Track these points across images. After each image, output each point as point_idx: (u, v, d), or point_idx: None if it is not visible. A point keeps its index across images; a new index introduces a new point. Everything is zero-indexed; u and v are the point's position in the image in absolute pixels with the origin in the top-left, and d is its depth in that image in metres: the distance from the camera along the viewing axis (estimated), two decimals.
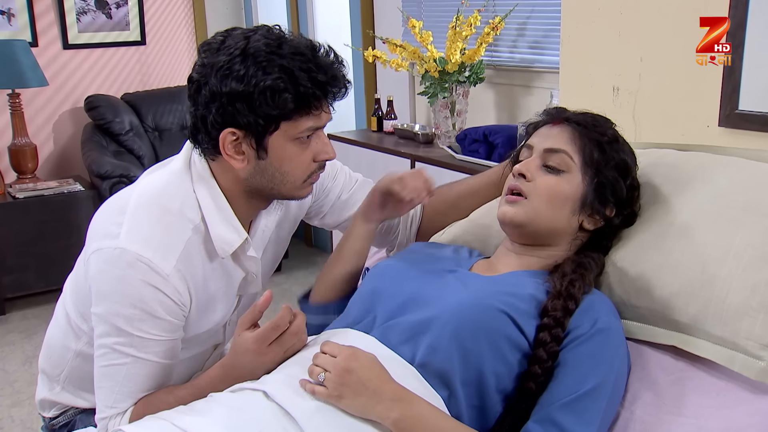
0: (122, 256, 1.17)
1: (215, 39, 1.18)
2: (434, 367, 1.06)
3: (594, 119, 1.24)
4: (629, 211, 1.23)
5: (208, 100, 1.15)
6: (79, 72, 4.41)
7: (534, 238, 1.22)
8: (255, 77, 1.12)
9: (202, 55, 1.18)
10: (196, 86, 1.17)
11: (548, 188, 1.19)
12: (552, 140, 1.21)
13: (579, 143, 1.20)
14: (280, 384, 1.07)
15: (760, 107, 1.63)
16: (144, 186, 1.26)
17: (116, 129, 4.15)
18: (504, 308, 1.07)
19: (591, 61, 2.02)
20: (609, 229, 1.23)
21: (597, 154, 1.19)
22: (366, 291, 1.23)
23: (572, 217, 1.20)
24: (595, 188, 1.19)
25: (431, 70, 2.86)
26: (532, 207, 1.19)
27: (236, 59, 1.13)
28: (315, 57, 1.16)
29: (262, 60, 1.12)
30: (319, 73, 1.15)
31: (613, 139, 1.21)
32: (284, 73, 1.12)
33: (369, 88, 3.73)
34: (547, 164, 1.20)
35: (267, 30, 1.17)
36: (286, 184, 1.23)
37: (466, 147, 2.78)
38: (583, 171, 1.19)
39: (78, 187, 3.88)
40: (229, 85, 1.12)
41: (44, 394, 1.48)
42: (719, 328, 1.07)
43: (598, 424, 1.01)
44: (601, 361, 1.05)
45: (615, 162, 1.20)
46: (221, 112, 1.14)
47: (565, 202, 1.19)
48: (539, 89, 2.88)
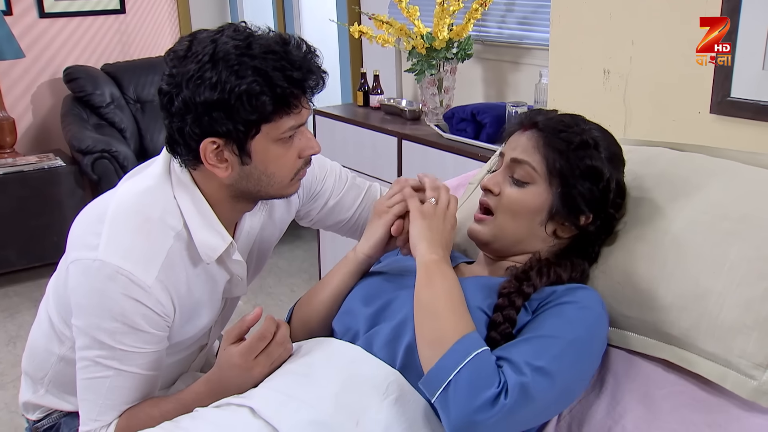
0: (101, 268, 1.13)
1: (180, 46, 1.13)
2: (415, 370, 1.04)
3: (563, 124, 1.18)
4: (607, 216, 1.19)
5: (183, 112, 1.10)
6: (56, 42, 4.30)
7: (503, 251, 1.22)
8: (229, 83, 1.07)
9: (169, 64, 1.12)
10: (168, 98, 1.12)
11: (512, 202, 1.18)
12: (518, 150, 1.19)
13: (543, 152, 1.17)
14: (268, 400, 1.05)
15: (753, 95, 1.61)
16: (123, 193, 1.22)
17: (97, 101, 4.07)
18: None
19: (581, 43, 1.98)
20: (587, 235, 1.20)
21: (560, 163, 1.15)
22: (344, 310, 1.21)
23: (539, 227, 1.18)
24: (562, 198, 1.16)
25: (418, 46, 2.80)
26: (496, 224, 1.19)
27: (206, 66, 1.08)
28: (287, 53, 1.11)
29: (234, 63, 1.07)
30: (294, 70, 1.10)
31: (581, 144, 1.16)
32: (258, 75, 1.08)
33: (355, 62, 3.65)
34: (512, 175, 1.19)
35: (233, 29, 1.12)
36: (274, 185, 1.20)
37: (453, 126, 2.73)
38: (548, 181, 1.16)
39: (59, 162, 3.81)
40: (203, 95, 1.08)
41: (28, 397, 1.46)
42: (712, 344, 1.05)
43: (547, 362, 0.96)
44: (566, 321, 1.03)
45: (581, 170, 1.15)
46: (198, 123, 1.10)
47: (528, 214, 1.17)
48: (528, 66, 2.84)
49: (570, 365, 0.99)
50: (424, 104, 2.99)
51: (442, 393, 0.94)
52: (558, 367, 0.97)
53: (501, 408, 0.90)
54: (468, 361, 0.93)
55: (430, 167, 2.76)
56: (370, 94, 3.36)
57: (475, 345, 0.96)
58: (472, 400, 0.91)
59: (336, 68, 3.83)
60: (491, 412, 0.90)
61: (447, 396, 0.93)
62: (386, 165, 3.01)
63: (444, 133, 2.76)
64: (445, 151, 2.68)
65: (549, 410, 1.01)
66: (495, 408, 0.90)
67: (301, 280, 3.76)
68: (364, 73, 3.41)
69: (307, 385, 1.05)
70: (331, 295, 1.24)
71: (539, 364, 0.95)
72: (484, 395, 0.91)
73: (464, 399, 0.91)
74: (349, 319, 1.18)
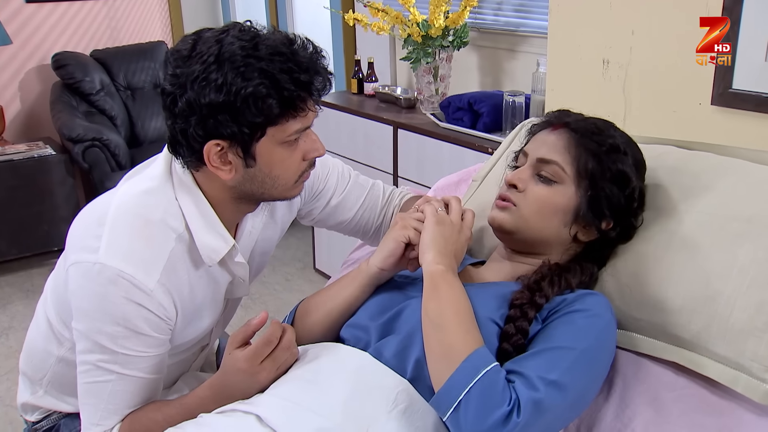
0: (102, 272, 1.11)
1: (184, 45, 1.10)
2: (425, 383, 1.03)
3: (595, 126, 1.18)
4: (627, 224, 1.18)
5: (187, 113, 1.07)
6: (44, 27, 4.23)
7: (524, 245, 1.20)
8: (235, 85, 1.05)
9: (172, 63, 1.09)
10: (172, 98, 1.09)
11: (538, 199, 1.16)
12: (546, 149, 1.17)
13: (574, 153, 1.15)
14: (275, 408, 1.03)
15: (754, 87, 1.60)
16: (123, 194, 1.20)
17: (86, 88, 4.02)
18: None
19: (580, 32, 1.96)
20: (605, 241, 1.19)
21: (592, 164, 1.14)
22: (354, 321, 1.18)
23: (564, 228, 1.16)
24: (589, 201, 1.15)
25: (414, 34, 2.77)
26: (520, 215, 1.16)
27: (212, 67, 1.05)
28: (294, 54, 1.08)
29: (240, 65, 1.05)
30: (301, 72, 1.08)
31: (613, 148, 1.15)
32: (265, 78, 1.05)
33: (348, 50, 3.62)
34: (539, 174, 1.17)
35: (239, 29, 1.09)
36: (278, 187, 1.18)
37: (450, 115, 2.71)
38: (576, 183, 1.15)
39: (49, 151, 3.77)
40: (208, 96, 1.05)
41: (26, 398, 1.44)
42: (723, 347, 1.04)
43: (560, 375, 0.95)
44: (576, 331, 1.02)
45: (611, 173, 1.14)
46: (202, 125, 1.08)
47: (555, 213, 1.15)
48: (525, 54, 2.81)
49: (582, 376, 0.98)
50: (419, 92, 2.97)
51: (453, 413, 0.92)
52: (570, 379, 0.96)
53: (514, 426, 0.89)
54: (478, 379, 0.92)
55: (426, 157, 2.74)
56: (364, 82, 3.33)
57: (485, 361, 0.94)
58: (483, 420, 0.89)
59: (329, 56, 3.79)
60: (503, 431, 0.89)
61: (458, 416, 0.92)
62: (381, 154, 2.99)
63: (440, 122, 2.74)
64: (441, 141, 2.66)
65: (562, 421, 1.00)
66: (507, 426, 0.89)
67: (295, 269, 3.75)
68: (358, 61, 3.38)
69: (315, 392, 1.03)
70: (340, 307, 1.20)
71: (552, 378, 0.94)
72: (495, 414, 0.89)
73: (475, 419, 0.90)
74: (358, 328, 1.16)
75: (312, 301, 1.26)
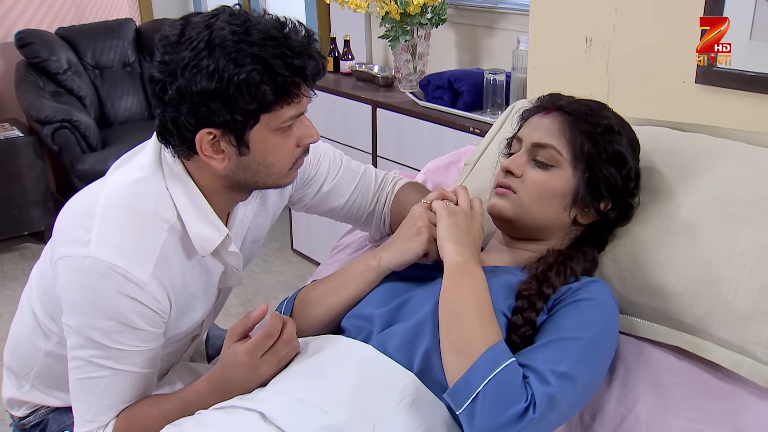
0: (94, 265, 1.08)
1: (173, 30, 1.06)
2: (433, 376, 1.02)
3: (588, 108, 1.17)
4: (625, 204, 1.18)
5: (177, 101, 1.04)
6: (5, 4, 4.09)
7: (524, 232, 1.19)
8: (227, 71, 1.01)
9: (160, 50, 1.05)
10: (161, 86, 1.05)
11: (537, 184, 1.15)
12: (540, 133, 1.16)
13: (569, 135, 1.14)
14: (279, 405, 1.00)
15: (739, 65, 1.60)
16: (112, 184, 1.16)
17: (53, 68, 3.90)
18: None
19: (563, 10, 1.94)
20: (604, 223, 1.19)
21: (588, 146, 1.14)
22: (357, 311, 1.16)
23: (563, 212, 1.16)
24: (587, 183, 1.14)
25: (392, 12, 2.73)
26: (520, 202, 1.15)
27: (202, 53, 1.01)
28: (286, 39, 1.05)
29: (231, 51, 1.01)
30: (294, 57, 1.04)
31: (608, 129, 1.15)
32: (258, 63, 1.02)
33: (323, 27, 3.56)
34: (535, 158, 1.16)
35: (229, 14, 1.05)
36: (272, 175, 1.15)
37: (429, 93, 2.69)
38: (573, 165, 1.14)
39: (16, 133, 3.67)
40: (200, 84, 1.01)
41: (12, 393, 1.40)
42: (726, 331, 1.05)
43: (569, 367, 0.95)
44: (583, 320, 1.02)
45: (608, 154, 1.14)
46: (194, 113, 1.04)
47: (554, 197, 1.15)
48: (503, 31, 2.79)
49: (590, 365, 0.98)
50: (397, 71, 2.94)
51: (469, 406, 0.91)
52: (579, 370, 0.95)
53: (529, 421, 0.88)
54: (496, 373, 0.91)
55: (406, 136, 2.72)
56: (340, 60, 3.29)
57: (504, 356, 0.93)
58: (500, 415, 0.89)
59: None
60: (518, 427, 0.88)
61: (474, 409, 0.91)
62: (360, 133, 2.95)
63: (419, 100, 2.71)
64: (421, 120, 2.64)
65: (571, 411, 1.00)
66: (523, 422, 0.88)
67: (272, 249, 3.71)
68: (334, 38, 3.33)
69: (319, 387, 1.01)
70: (345, 302, 1.18)
71: (562, 370, 0.93)
72: (512, 410, 0.88)
73: (492, 414, 0.89)
74: (360, 318, 1.14)
75: (312, 293, 1.23)
